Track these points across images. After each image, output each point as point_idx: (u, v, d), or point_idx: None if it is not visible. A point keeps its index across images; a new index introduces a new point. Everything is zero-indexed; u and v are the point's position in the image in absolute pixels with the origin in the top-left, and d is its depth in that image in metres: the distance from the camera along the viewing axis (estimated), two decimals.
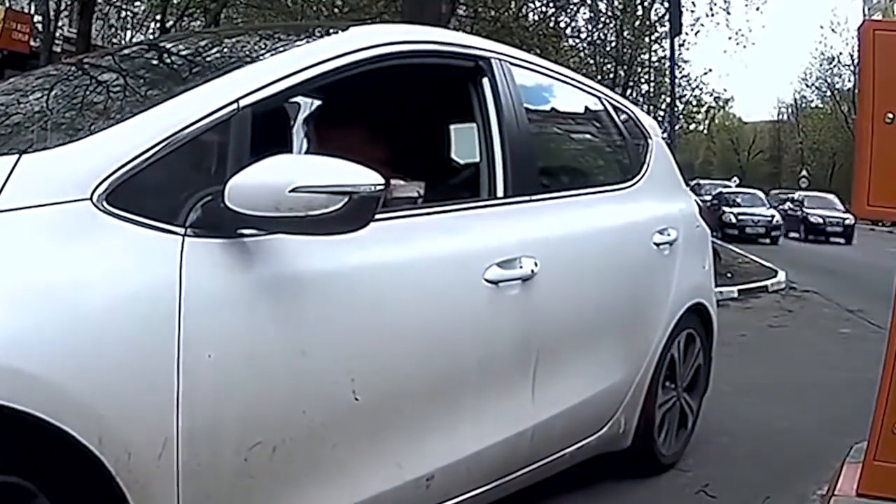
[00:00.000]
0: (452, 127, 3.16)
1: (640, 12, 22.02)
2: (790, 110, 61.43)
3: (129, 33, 20.11)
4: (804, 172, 51.73)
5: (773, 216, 24.14)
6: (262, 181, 1.73)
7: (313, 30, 2.53)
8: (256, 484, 1.81)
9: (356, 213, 1.75)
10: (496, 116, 2.58)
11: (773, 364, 6.14)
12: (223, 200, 1.73)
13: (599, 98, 3.44)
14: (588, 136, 3.63)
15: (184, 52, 2.39)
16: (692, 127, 32.22)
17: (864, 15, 39.10)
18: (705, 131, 42.41)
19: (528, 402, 2.58)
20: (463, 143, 2.99)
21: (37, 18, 17.49)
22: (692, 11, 20.33)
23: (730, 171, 50.08)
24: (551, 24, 19.42)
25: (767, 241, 22.88)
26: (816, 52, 67.84)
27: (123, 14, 18.98)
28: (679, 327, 3.37)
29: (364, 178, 1.76)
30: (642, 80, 25.36)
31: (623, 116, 3.51)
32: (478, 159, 2.62)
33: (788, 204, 27.42)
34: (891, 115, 2.79)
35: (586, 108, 3.42)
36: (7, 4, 18.08)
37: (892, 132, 2.79)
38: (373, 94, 2.57)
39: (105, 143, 1.70)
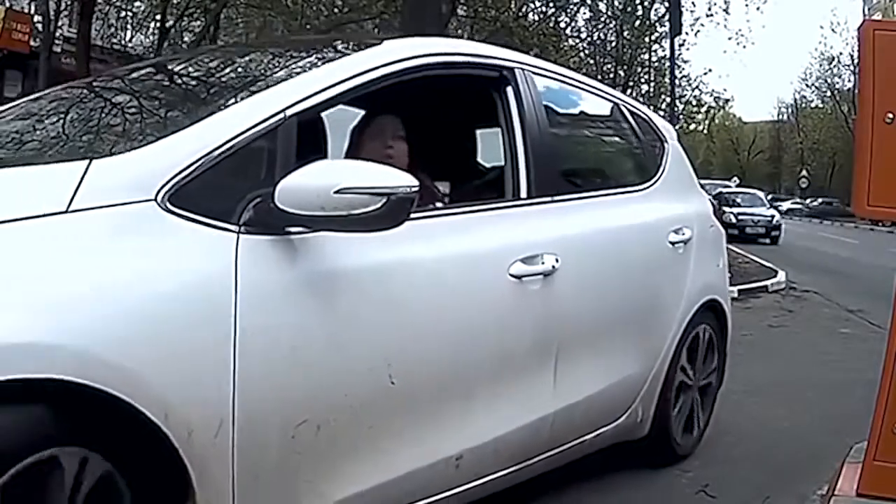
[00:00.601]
0: (478, 132, 3.34)
1: (640, 12, 22.03)
2: (790, 110, 61.50)
3: (129, 33, 20.09)
4: (804, 172, 51.77)
5: (773, 216, 24.14)
6: (309, 183, 1.90)
7: (350, 43, 2.76)
8: (302, 460, 1.97)
9: (393, 212, 1.92)
10: (519, 122, 2.74)
11: (773, 364, 6.13)
12: (273, 201, 1.89)
13: (617, 104, 3.60)
14: (606, 139, 3.79)
15: (234, 65, 2.59)
16: (692, 127, 32.19)
17: (864, 15, 39.15)
18: (705, 131, 42.39)
19: (550, 390, 2.72)
20: (488, 147, 3.17)
21: (37, 18, 17.46)
22: (692, 11, 20.36)
23: (730, 171, 50.12)
24: (551, 24, 19.43)
25: (767, 241, 22.89)
26: (816, 52, 68.02)
27: (123, 14, 18.95)
28: (694, 323, 3.48)
29: (401, 180, 1.94)
30: (642, 80, 25.35)
31: (640, 121, 3.66)
32: (502, 162, 2.77)
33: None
34: (891, 115, 2.79)
35: (604, 113, 3.56)
36: (7, 4, 18.06)
37: (892, 132, 2.79)
38: (405, 102, 2.70)
39: (167, 149, 1.86)
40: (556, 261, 2.65)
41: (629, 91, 23.34)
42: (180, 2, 16.51)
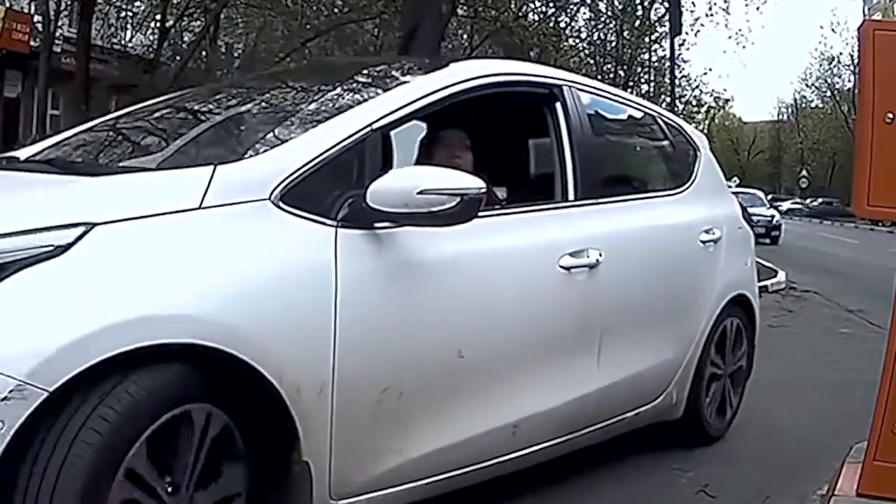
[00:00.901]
0: (531, 141, 3.66)
1: (640, 12, 22.02)
2: (790, 110, 61.49)
3: (129, 33, 20.07)
4: (804, 172, 51.78)
5: (773, 216, 24.11)
6: (396, 185, 2.26)
7: (421, 65, 3.16)
8: (386, 420, 2.32)
9: (465, 210, 2.27)
10: (567, 133, 3.09)
11: (773, 364, 6.11)
12: (365, 200, 2.24)
13: (653, 115, 4.02)
14: (644, 148, 4.24)
15: (326, 83, 2.96)
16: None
17: (864, 15, 39.12)
18: (705, 131, 42.32)
19: (594, 369, 3.04)
20: (540, 155, 3.52)
21: (37, 18, 17.44)
22: (692, 11, 20.35)
23: (730, 171, 49.90)
24: (551, 24, 19.43)
25: (767, 241, 22.84)
26: (816, 52, 67.99)
27: (123, 14, 18.93)
28: (723, 315, 3.80)
29: (472, 183, 2.30)
30: (642, 80, 25.35)
31: (674, 131, 4.04)
32: (552, 169, 3.12)
33: None
34: (891, 115, 2.79)
35: (642, 124, 3.97)
36: (7, 4, 18.05)
37: (892, 132, 2.79)
38: (467, 116, 3.02)
39: (277, 157, 2.24)
40: (600, 255, 2.98)
41: (629, 91, 23.33)
42: (180, 2, 16.50)
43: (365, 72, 3.05)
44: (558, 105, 3.11)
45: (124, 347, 1.78)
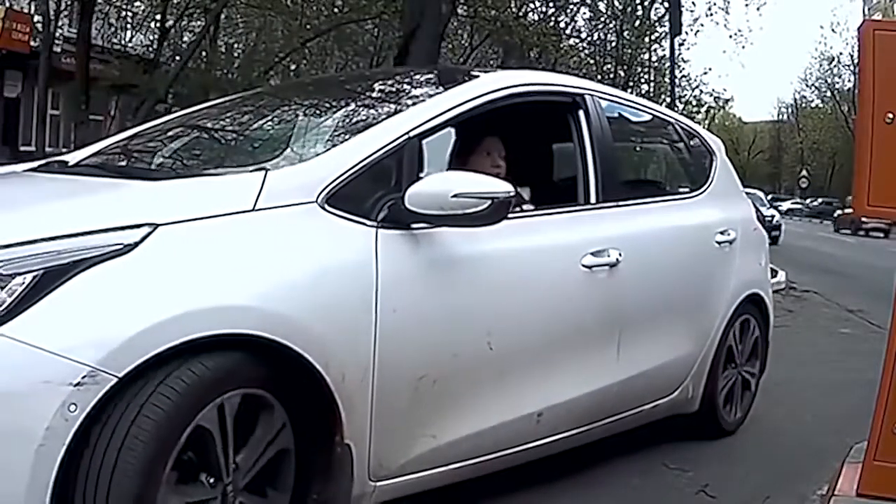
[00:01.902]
0: (555, 146, 3.85)
1: (640, 12, 22.01)
2: (790, 110, 61.51)
3: (129, 33, 20.07)
4: (804, 172, 51.79)
5: (773, 216, 24.08)
6: (431, 189, 2.43)
7: (453, 76, 3.36)
8: (421, 407, 2.48)
9: (495, 212, 2.44)
10: (590, 138, 3.24)
11: (773, 364, 6.08)
12: (403, 203, 2.41)
13: (672, 123, 4.18)
14: (662, 153, 4.44)
15: (369, 92, 3.22)
16: None
17: (864, 15, 39.11)
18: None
19: (614, 363, 3.18)
20: (564, 160, 3.67)
21: (37, 18, 17.43)
22: (692, 11, 20.35)
23: None
24: (551, 24, 19.41)
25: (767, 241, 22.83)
26: (816, 52, 67.99)
27: (123, 14, 18.93)
28: (738, 312, 3.93)
29: (501, 187, 2.48)
30: (642, 80, 25.33)
31: (691, 137, 4.19)
32: (575, 172, 3.27)
33: None
34: (891, 115, 2.79)
35: (661, 131, 4.17)
36: (7, 4, 18.04)
37: (892, 132, 2.79)
38: (497, 123, 3.17)
39: (324, 162, 2.43)
40: (620, 255, 3.12)
41: (629, 91, 23.34)
42: (180, 2, 16.47)
43: (401, 82, 3.30)
44: (581, 113, 3.26)
45: (187, 336, 1.95)
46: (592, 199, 3.20)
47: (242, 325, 2.05)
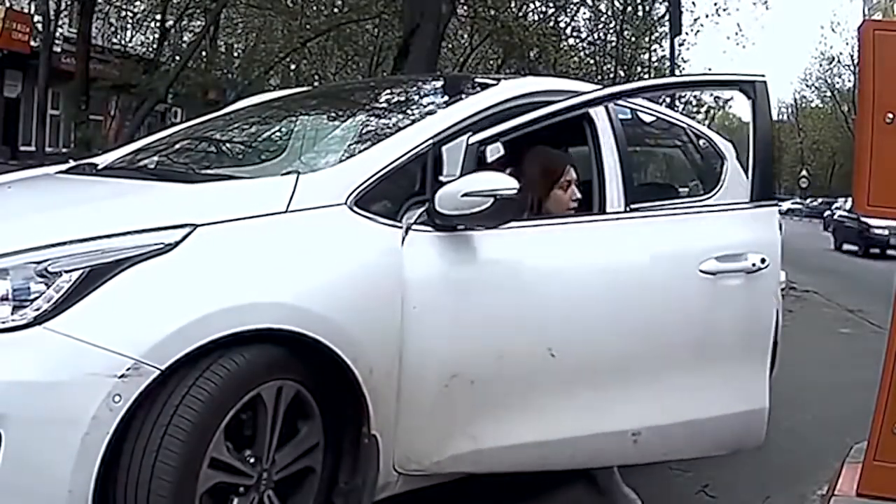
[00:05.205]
0: (572, 151, 3.76)
1: (640, 12, 22.01)
2: (790, 110, 61.44)
3: (129, 33, 20.06)
4: (804, 172, 51.78)
5: None
6: (449, 190, 2.47)
7: (474, 83, 3.33)
8: (457, 406, 2.48)
9: (501, 210, 2.44)
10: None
11: None
12: (431, 204, 2.47)
13: (683, 128, 4.21)
14: (673, 157, 4.53)
15: (394, 98, 3.30)
16: None
17: (864, 15, 39.05)
18: None
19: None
20: (580, 164, 3.61)
21: (37, 18, 17.43)
22: (692, 11, 20.35)
23: None
24: (551, 24, 19.42)
25: None
26: (816, 52, 67.95)
27: (123, 14, 18.91)
28: None
29: (503, 182, 2.46)
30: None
31: (703, 142, 4.23)
32: (590, 176, 3.22)
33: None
34: (891, 115, 2.79)
35: (673, 135, 4.20)
36: (7, 4, 18.04)
37: (892, 132, 2.79)
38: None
39: (353, 166, 2.52)
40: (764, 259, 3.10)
41: None
42: (180, 2, 16.49)
43: (426, 88, 3.43)
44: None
45: (226, 331, 2.06)
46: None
47: (279, 321, 2.15)
